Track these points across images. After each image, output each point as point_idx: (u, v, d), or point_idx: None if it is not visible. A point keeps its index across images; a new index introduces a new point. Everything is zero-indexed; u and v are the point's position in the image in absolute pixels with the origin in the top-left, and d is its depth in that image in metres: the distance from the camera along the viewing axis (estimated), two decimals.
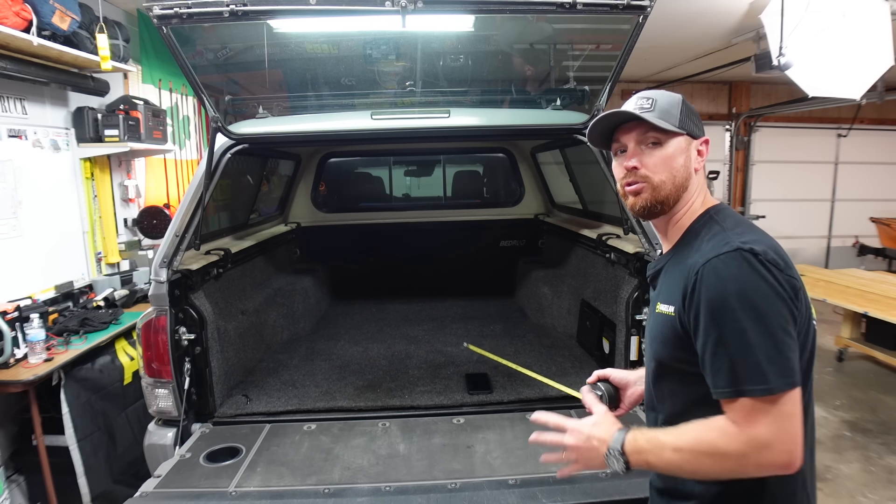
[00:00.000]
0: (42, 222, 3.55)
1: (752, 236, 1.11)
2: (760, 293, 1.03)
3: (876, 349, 5.10)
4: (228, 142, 2.49)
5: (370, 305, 4.40)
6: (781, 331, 1.02)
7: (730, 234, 1.13)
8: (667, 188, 1.24)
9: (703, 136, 1.28)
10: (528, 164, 4.67)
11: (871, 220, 9.28)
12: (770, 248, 1.09)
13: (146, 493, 1.93)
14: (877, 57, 3.92)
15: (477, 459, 2.10)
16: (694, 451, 1.06)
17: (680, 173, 1.24)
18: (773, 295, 1.03)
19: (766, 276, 1.04)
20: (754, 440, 1.01)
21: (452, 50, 2.81)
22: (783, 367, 1.01)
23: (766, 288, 1.03)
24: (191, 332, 2.41)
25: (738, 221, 1.20)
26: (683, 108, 1.25)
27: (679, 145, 1.25)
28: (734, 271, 1.04)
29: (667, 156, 1.24)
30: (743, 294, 1.03)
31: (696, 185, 1.27)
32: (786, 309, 1.04)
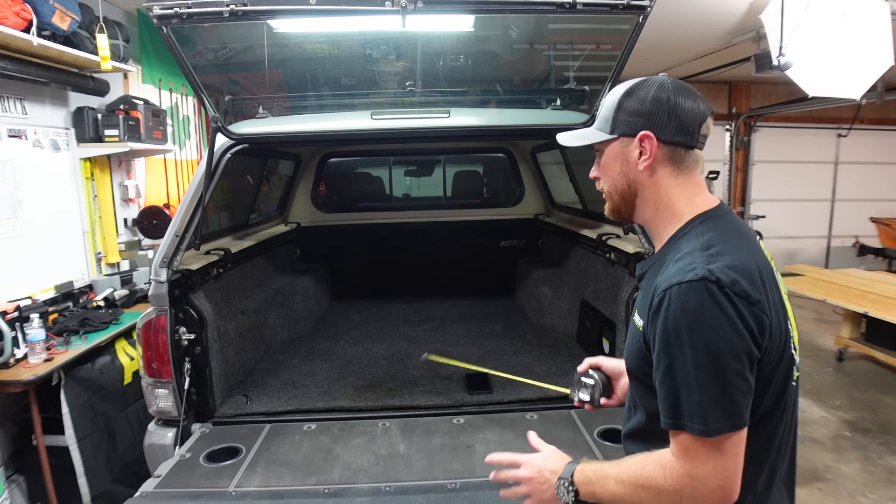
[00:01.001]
0: (42, 222, 3.55)
1: (726, 261, 1.01)
2: (717, 332, 0.97)
3: (876, 349, 5.10)
4: (228, 142, 2.49)
5: (370, 305, 4.40)
6: (732, 373, 0.97)
7: (700, 255, 1.03)
8: (614, 198, 1.23)
9: (644, 130, 1.14)
10: (528, 164, 4.67)
11: (871, 220, 9.28)
12: (744, 276, 1.00)
13: (146, 493, 1.93)
14: (877, 57, 3.92)
15: (477, 459, 2.10)
16: (634, 484, 1.07)
17: (619, 180, 1.20)
18: (731, 333, 0.97)
19: (729, 313, 0.97)
20: (689, 476, 1.00)
21: (452, 50, 2.81)
22: (725, 410, 0.97)
23: (724, 326, 0.97)
24: (191, 332, 2.41)
25: (717, 237, 1.08)
26: (620, 108, 1.17)
27: (612, 152, 1.20)
28: (693, 304, 0.98)
29: (604, 165, 1.23)
30: (697, 330, 0.97)
31: (651, 189, 1.18)
32: (743, 348, 0.98)
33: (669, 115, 1.13)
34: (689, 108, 1.13)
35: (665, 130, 1.14)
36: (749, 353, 0.99)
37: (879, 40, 3.92)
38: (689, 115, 1.13)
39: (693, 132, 1.14)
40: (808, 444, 3.99)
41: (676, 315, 0.99)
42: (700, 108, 1.15)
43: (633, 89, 1.17)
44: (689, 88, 1.18)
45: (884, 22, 3.92)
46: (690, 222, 1.14)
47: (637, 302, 1.23)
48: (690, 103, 1.14)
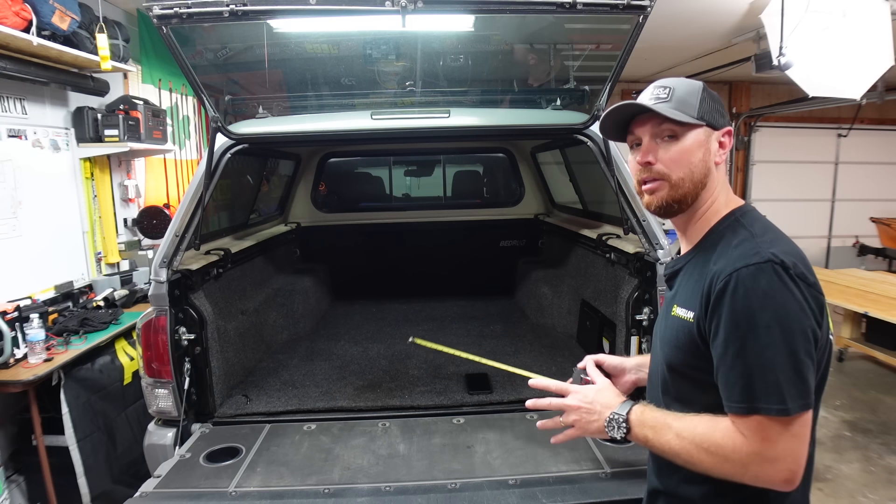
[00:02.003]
0: (42, 222, 3.55)
1: (783, 246, 1.05)
2: (788, 311, 0.99)
3: (876, 349, 5.10)
4: (228, 142, 2.49)
5: (370, 305, 4.40)
6: (803, 352, 0.99)
7: (759, 241, 1.07)
8: (685, 186, 1.17)
9: (726, 126, 1.19)
10: (528, 164, 4.66)
11: (872, 220, 9.28)
12: (800, 260, 1.04)
13: (146, 493, 1.92)
14: (877, 57, 3.92)
15: (477, 459, 2.10)
16: (697, 444, 1.06)
17: (698, 169, 1.17)
18: (801, 314, 0.99)
19: (796, 293, 0.99)
20: (760, 455, 1.00)
21: (452, 50, 2.81)
22: (800, 390, 0.99)
23: (794, 306, 0.99)
24: (191, 332, 2.41)
25: (766, 227, 1.13)
26: (704, 97, 1.18)
27: (697, 138, 1.17)
28: (764, 285, 1.00)
29: (684, 150, 1.16)
30: (771, 310, 0.99)
31: (717, 181, 1.20)
32: (811, 329, 1.00)
33: (727, 120, 1.21)
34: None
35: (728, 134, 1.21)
36: (815, 332, 1.01)
37: (879, 40, 3.92)
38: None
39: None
40: None
41: (747, 297, 1.00)
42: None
43: (705, 86, 1.20)
44: None
45: (884, 22, 3.92)
46: (730, 215, 1.18)
47: (677, 296, 1.21)
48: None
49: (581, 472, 1.96)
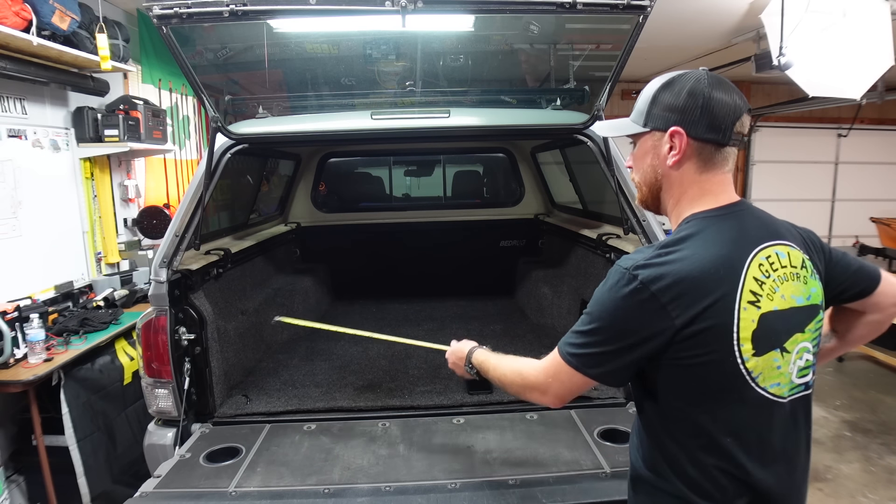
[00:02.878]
0: (42, 222, 3.55)
1: (669, 261, 1.08)
2: (615, 304, 1.11)
3: (876, 349, 5.10)
4: (228, 142, 2.49)
5: (370, 305, 4.40)
6: (609, 341, 1.13)
7: (651, 250, 1.13)
8: (642, 189, 1.27)
9: (672, 127, 1.15)
10: (528, 164, 4.66)
11: (872, 220, 9.27)
12: (674, 279, 1.06)
13: (146, 493, 1.92)
14: (877, 57, 3.92)
15: (477, 459, 2.10)
16: (509, 367, 1.45)
17: (649, 174, 1.23)
18: (626, 310, 1.10)
19: (628, 297, 1.09)
20: (537, 380, 1.31)
21: (452, 50, 2.81)
22: (583, 355, 1.17)
23: (621, 303, 1.10)
24: (191, 332, 2.41)
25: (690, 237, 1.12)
26: (654, 102, 1.18)
27: (644, 145, 1.23)
28: (611, 280, 1.14)
29: (636, 157, 1.27)
30: (604, 298, 1.14)
31: (674, 183, 1.19)
32: (632, 328, 1.10)
33: (703, 111, 1.13)
34: (723, 105, 1.13)
35: (696, 127, 1.14)
36: (641, 334, 1.09)
37: (880, 40, 3.92)
38: (723, 112, 1.13)
39: (726, 130, 1.14)
40: None
41: (602, 284, 1.17)
42: (736, 104, 1.15)
43: (670, 83, 1.18)
44: (726, 84, 1.17)
45: (884, 22, 3.92)
46: (686, 220, 1.18)
47: None
48: (726, 100, 1.14)
49: (581, 472, 1.96)
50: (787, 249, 1.16)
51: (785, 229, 1.22)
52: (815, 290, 1.18)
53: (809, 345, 1.16)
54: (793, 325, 1.13)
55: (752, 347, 1.08)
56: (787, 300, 1.12)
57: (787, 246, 1.17)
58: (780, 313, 1.11)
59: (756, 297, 1.09)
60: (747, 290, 1.08)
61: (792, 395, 1.15)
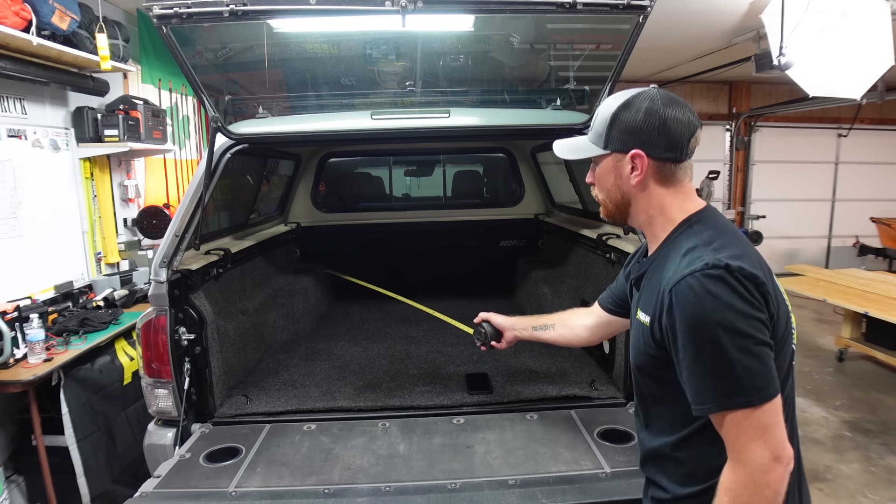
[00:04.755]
0: (42, 222, 3.55)
1: (728, 251, 1.10)
2: (736, 309, 1.04)
3: (876, 349, 5.10)
4: (228, 142, 2.48)
5: (370, 305, 4.40)
6: (758, 343, 1.05)
7: (705, 249, 1.12)
8: (608, 205, 1.32)
9: (633, 149, 1.20)
10: (528, 164, 4.66)
11: (872, 220, 9.28)
12: (744, 259, 1.09)
13: (146, 493, 1.92)
14: (877, 57, 3.92)
15: (477, 459, 2.10)
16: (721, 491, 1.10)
17: (613, 192, 1.28)
18: (748, 308, 1.05)
19: (741, 291, 1.05)
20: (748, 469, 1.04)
21: (452, 50, 2.81)
22: (764, 378, 1.05)
23: (740, 303, 1.05)
24: (191, 332, 2.41)
25: (715, 234, 1.16)
26: (613, 125, 1.22)
27: (606, 165, 1.27)
28: (710, 288, 1.05)
29: (599, 176, 1.31)
30: (719, 311, 1.04)
31: (643, 200, 1.25)
32: (760, 319, 1.06)
33: (660, 132, 1.18)
34: (678, 124, 1.19)
35: (656, 148, 1.20)
36: (764, 321, 1.07)
37: (880, 40, 3.92)
38: (679, 131, 1.19)
39: (682, 148, 1.20)
40: (809, 444, 3.99)
41: (695, 303, 1.06)
42: (690, 121, 1.20)
43: (627, 105, 1.22)
44: (678, 102, 1.22)
45: (884, 22, 3.92)
46: (684, 223, 1.22)
47: (641, 300, 1.29)
48: (681, 118, 1.19)
49: (581, 472, 1.96)
50: None
51: None
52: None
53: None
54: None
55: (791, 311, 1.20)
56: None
57: None
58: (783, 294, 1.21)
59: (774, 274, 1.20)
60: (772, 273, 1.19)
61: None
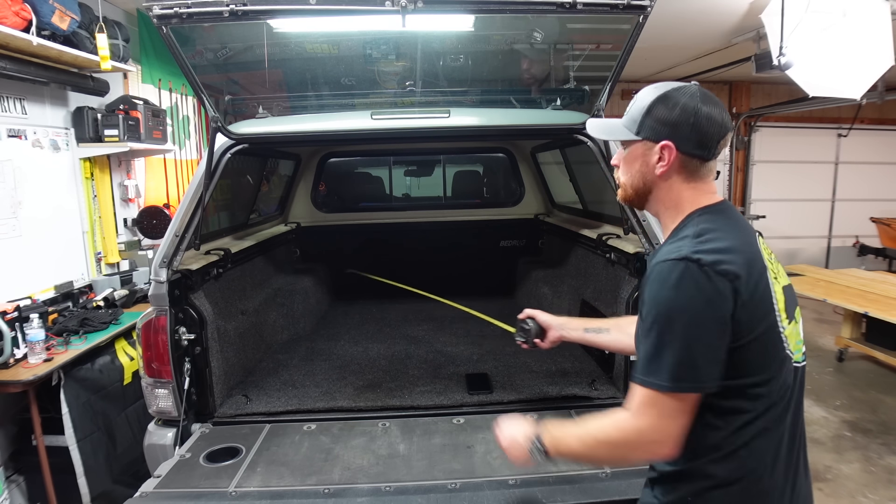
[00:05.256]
0: (42, 222, 3.55)
1: (713, 244, 1.13)
2: (692, 304, 1.10)
3: (876, 349, 5.10)
4: (228, 142, 2.48)
5: (370, 305, 4.40)
6: (702, 341, 1.10)
7: (691, 241, 1.15)
8: (627, 190, 1.34)
9: (663, 140, 1.23)
10: (528, 164, 4.66)
11: (872, 220, 9.28)
12: (726, 253, 1.12)
13: (146, 493, 1.93)
14: (877, 57, 3.92)
15: (477, 459, 2.10)
16: (594, 439, 1.24)
17: (636, 178, 1.31)
18: (705, 306, 1.09)
19: (704, 287, 1.09)
20: (636, 429, 1.15)
21: (452, 50, 2.81)
22: (689, 373, 1.10)
23: (699, 300, 1.10)
24: (191, 332, 2.41)
25: (711, 227, 1.18)
26: (649, 113, 1.25)
27: (635, 151, 1.29)
28: (676, 278, 1.11)
29: (626, 159, 1.33)
30: (675, 301, 1.11)
31: (663, 190, 1.28)
32: (715, 318, 1.10)
33: (693, 128, 1.21)
34: (712, 123, 1.21)
35: (686, 143, 1.22)
36: (723, 323, 1.10)
37: (880, 40, 3.92)
38: (711, 131, 1.21)
39: (711, 147, 1.23)
40: (809, 444, 3.97)
41: (659, 286, 1.13)
42: (724, 124, 1.22)
43: (665, 97, 1.24)
44: (716, 103, 1.23)
45: (884, 22, 3.92)
46: (690, 215, 1.26)
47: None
48: (716, 119, 1.21)
49: (581, 471, 1.96)
50: (760, 239, 1.29)
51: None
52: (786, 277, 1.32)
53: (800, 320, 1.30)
54: (794, 300, 1.27)
55: (786, 315, 1.20)
56: (784, 279, 1.28)
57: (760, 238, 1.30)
58: (788, 288, 1.26)
59: (774, 274, 1.22)
60: (769, 267, 1.21)
61: (802, 361, 1.26)
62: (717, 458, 1.17)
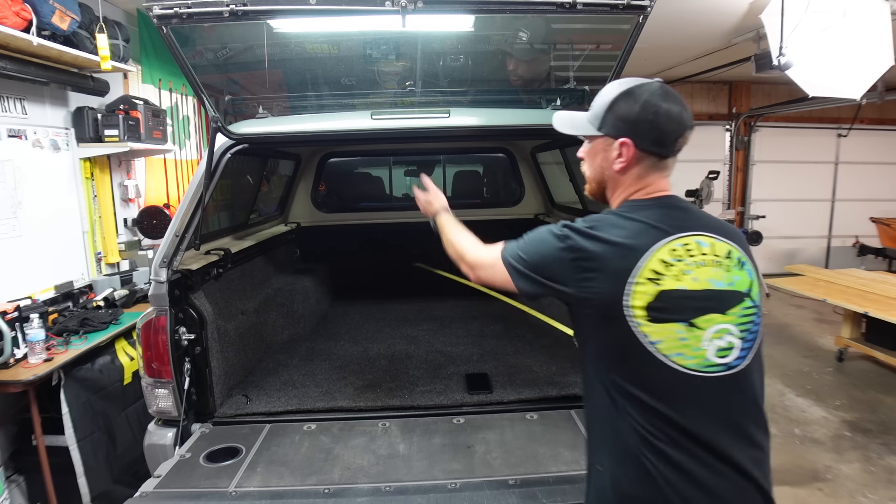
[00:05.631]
0: (42, 222, 3.55)
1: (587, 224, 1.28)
2: (549, 237, 1.32)
3: (876, 349, 5.10)
4: (228, 142, 2.48)
5: (370, 305, 4.40)
6: (536, 255, 1.33)
7: (586, 220, 1.31)
8: (591, 184, 1.44)
9: (622, 138, 1.29)
10: (528, 164, 4.66)
11: (872, 220, 9.27)
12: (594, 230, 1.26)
13: (146, 493, 1.93)
14: (877, 57, 3.92)
15: (477, 459, 2.10)
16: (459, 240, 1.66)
17: (597, 171, 1.40)
18: (556, 241, 1.29)
19: (560, 236, 1.29)
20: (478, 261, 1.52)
21: (452, 50, 2.81)
22: (515, 258, 1.36)
23: (553, 239, 1.30)
24: (191, 332, 2.41)
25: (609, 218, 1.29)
26: (610, 110, 1.30)
27: (597, 146, 1.38)
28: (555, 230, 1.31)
29: (589, 154, 1.42)
30: (542, 231, 1.35)
31: (622, 185, 1.35)
32: (556, 257, 1.28)
33: (651, 126, 1.26)
34: (671, 121, 1.26)
35: (644, 140, 1.28)
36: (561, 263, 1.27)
37: (880, 40, 3.92)
38: (669, 129, 1.26)
39: (669, 145, 1.28)
40: (809, 444, 3.99)
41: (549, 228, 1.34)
42: (683, 121, 1.27)
43: (627, 93, 1.29)
44: (677, 100, 1.27)
45: (884, 22, 3.92)
46: (620, 205, 1.35)
47: None
48: (675, 117, 1.26)
49: (581, 472, 1.95)
50: (710, 240, 1.26)
51: (716, 224, 1.31)
52: (740, 279, 1.26)
53: (733, 328, 1.23)
54: (706, 306, 1.22)
55: (646, 315, 1.21)
56: (702, 282, 1.23)
57: (712, 237, 1.27)
58: (688, 292, 1.22)
59: (658, 276, 1.21)
60: (648, 269, 1.21)
61: (710, 371, 1.22)
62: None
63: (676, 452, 1.19)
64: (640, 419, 1.22)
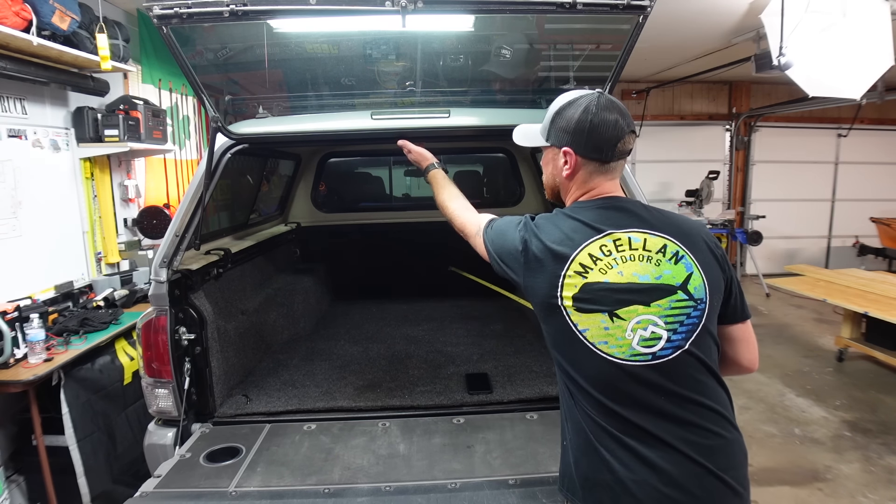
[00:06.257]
0: (42, 222, 3.55)
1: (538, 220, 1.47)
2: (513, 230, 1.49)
3: (876, 349, 5.10)
4: (228, 142, 2.48)
5: (370, 305, 4.40)
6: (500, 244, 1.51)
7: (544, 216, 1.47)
8: (548, 190, 1.60)
9: (564, 147, 1.41)
10: (528, 164, 4.66)
11: (872, 220, 9.27)
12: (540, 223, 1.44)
13: (146, 493, 1.93)
14: (877, 57, 3.92)
15: (477, 459, 2.10)
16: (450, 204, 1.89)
17: (549, 179, 1.56)
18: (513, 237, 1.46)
19: (519, 230, 1.46)
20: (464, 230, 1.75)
21: (452, 50, 2.81)
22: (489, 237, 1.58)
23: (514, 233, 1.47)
24: (191, 332, 2.41)
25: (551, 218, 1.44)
26: (553, 122, 1.44)
27: (547, 155, 1.54)
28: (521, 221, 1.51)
29: (543, 162, 1.58)
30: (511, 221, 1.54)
31: (569, 188, 1.49)
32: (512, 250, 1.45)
33: (588, 135, 1.38)
34: (607, 129, 1.36)
35: (583, 148, 1.40)
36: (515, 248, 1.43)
37: (879, 40, 3.92)
38: (606, 135, 1.37)
39: (608, 150, 1.38)
40: (808, 444, 3.99)
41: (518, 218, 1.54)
42: (619, 128, 1.36)
43: (567, 105, 1.41)
44: (614, 108, 1.37)
45: (884, 22, 3.92)
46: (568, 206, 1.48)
47: None
48: (611, 124, 1.36)
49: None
50: (643, 236, 1.33)
51: (664, 221, 1.37)
52: (672, 273, 1.30)
53: (658, 319, 1.28)
54: (629, 298, 1.29)
55: (573, 305, 1.31)
56: (626, 276, 1.30)
57: (646, 233, 1.33)
58: (610, 285, 1.30)
59: (584, 269, 1.31)
60: (577, 263, 1.32)
61: (635, 360, 1.27)
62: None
63: (625, 437, 1.26)
64: (587, 405, 1.31)
